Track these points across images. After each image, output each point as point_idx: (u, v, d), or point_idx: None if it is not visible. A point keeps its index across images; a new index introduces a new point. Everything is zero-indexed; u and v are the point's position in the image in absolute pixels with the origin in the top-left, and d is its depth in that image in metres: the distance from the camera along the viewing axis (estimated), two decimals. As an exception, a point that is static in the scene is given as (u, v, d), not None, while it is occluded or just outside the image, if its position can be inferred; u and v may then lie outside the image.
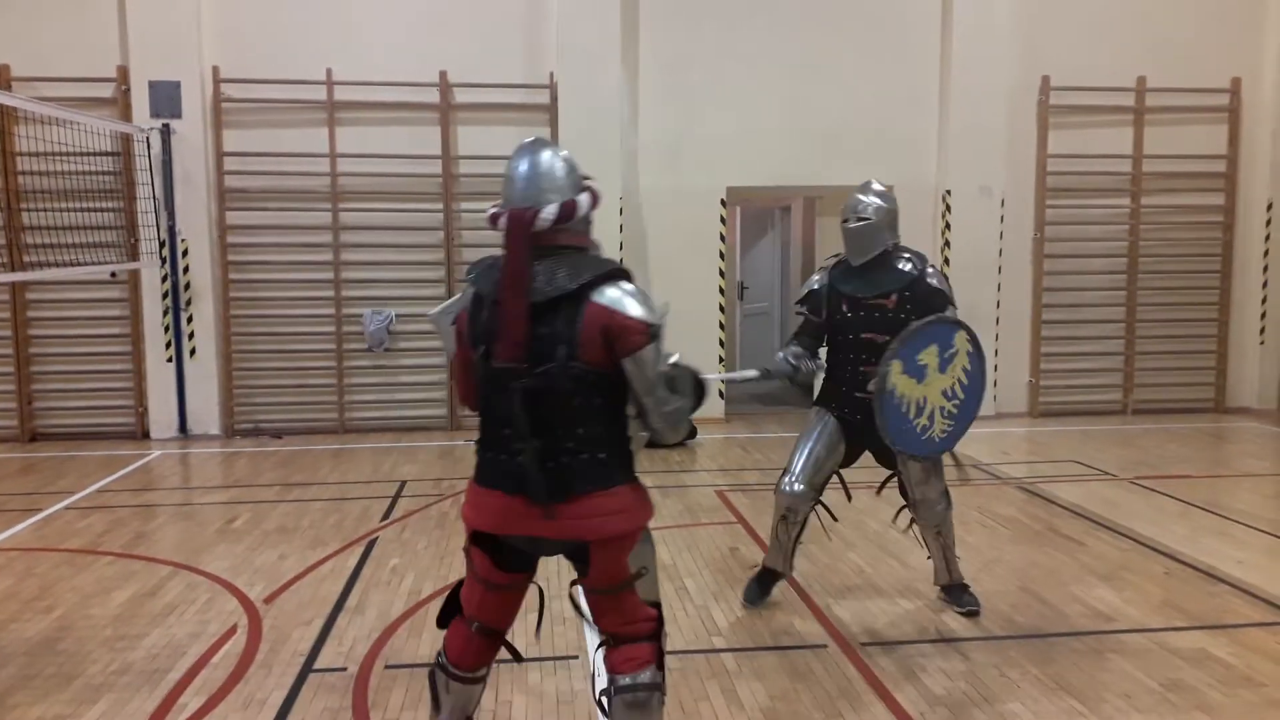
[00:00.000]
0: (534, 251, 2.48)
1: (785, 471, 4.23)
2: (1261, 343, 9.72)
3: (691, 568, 5.02)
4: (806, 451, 4.20)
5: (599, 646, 2.67)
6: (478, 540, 2.62)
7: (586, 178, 2.64)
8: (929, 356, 3.76)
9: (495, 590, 2.66)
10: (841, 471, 4.31)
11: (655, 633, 2.63)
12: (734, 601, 4.53)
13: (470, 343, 2.56)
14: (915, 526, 4.32)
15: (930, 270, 4.14)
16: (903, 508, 4.33)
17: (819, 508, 4.31)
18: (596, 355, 2.45)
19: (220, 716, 3.46)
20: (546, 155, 2.57)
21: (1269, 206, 9.56)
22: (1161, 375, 9.71)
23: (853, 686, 3.66)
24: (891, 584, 4.74)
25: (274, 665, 3.86)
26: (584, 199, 2.57)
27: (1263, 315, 9.69)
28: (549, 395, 2.44)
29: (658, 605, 2.69)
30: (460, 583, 2.76)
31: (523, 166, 2.55)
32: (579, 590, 2.68)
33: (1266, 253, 9.61)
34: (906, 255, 4.17)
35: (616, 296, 2.47)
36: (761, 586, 4.45)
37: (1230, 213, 9.62)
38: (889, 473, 4.32)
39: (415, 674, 3.70)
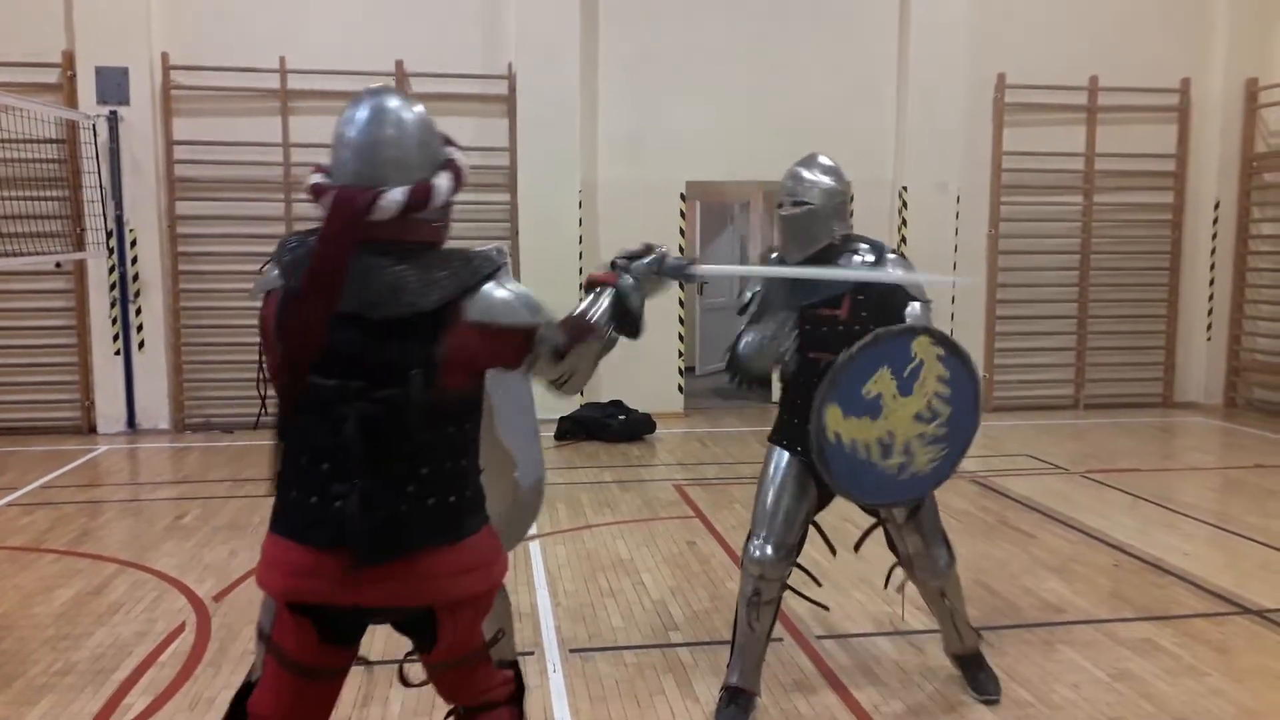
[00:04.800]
0: (369, 247, 1.91)
1: (750, 534, 3.36)
2: (1208, 339, 9.91)
3: (649, 563, 5.01)
4: (771, 502, 3.33)
5: (447, 716, 2.22)
6: (290, 607, 1.98)
7: (449, 141, 2.05)
8: (880, 384, 2.99)
9: (309, 679, 2.02)
10: (817, 519, 3.46)
11: (515, 696, 2.19)
12: (690, 596, 4.53)
13: (277, 345, 1.95)
14: (910, 586, 3.58)
15: (890, 259, 3.30)
16: (894, 565, 3.59)
17: (795, 579, 3.45)
18: (461, 379, 1.94)
19: (167, 716, 3.39)
20: (396, 113, 1.94)
21: (1216, 205, 9.75)
22: (1112, 370, 9.88)
23: (808, 680, 3.68)
24: (847, 577, 4.75)
25: (223, 664, 3.79)
26: (442, 181, 1.95)
27: (1209, 312, 9.88)
28: (391, 427, 1.89)
29: (515, 664, 2.23)
30: (244, 690, 2.12)
31: (361, 128, 1.93)
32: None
33: (1214, 250, 9.80)
34: (859, 247, 3.32)
35: (492, 306, 1.92)
36: (740, 708, 3.36)
37: (1179, 211, 9.80)
38: (872, 520, 3.53)
39: (369, 670, 3.65)
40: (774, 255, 3.53)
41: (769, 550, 3.30)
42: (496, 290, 1.93)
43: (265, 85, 8.43)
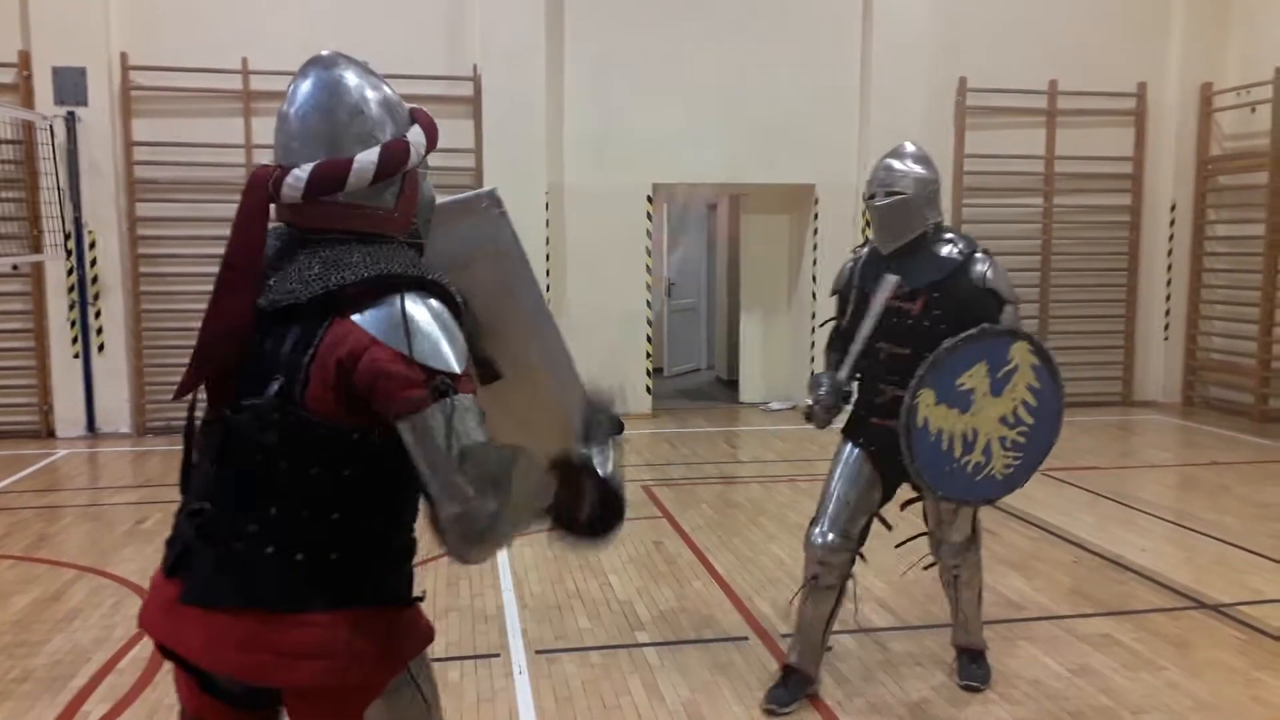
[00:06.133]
0: (301, 236, 1.63)
1: (813, 520, 3.46)
2: (1166, 338, 10.08)
3: (615, 563, 5.01)
4: (836, 494, 3.43)
5: None
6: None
7: (415, 118, 1.69)
8: (974, 378, 3.03)
9: None
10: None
11: None
12: (657, 596, 4.55)
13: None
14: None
15: (979, 258, 3.28)
16: (920, 534, 3.72)
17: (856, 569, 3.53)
18: (328, 404, 1.53)
19: (126, 724, 3.35)
20: (337, 82, 1.61)
21: (1173, 207, 9.92)
22: (1072, 370, 9.91)
23: (773, 678, 3.69)
24: (812, 576, 4.79)
25: (184, 670, 3.74)
26: (365, 158, 1.58)
27: (1167, 312, 10.06)
28: (244, 448, 1.56)
29: None
30: None
31: (296, 101, 1.63)
32: None
33: (1170, 251, 9.97)
34: (949, 238, 3.34)
35: (383, 318, 1.51)
36: (789, 689, 3.49)
37: (1137, 213, 9.96)
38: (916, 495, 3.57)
39: None
40: (866, 247, 3.51)
41: (830, 536, 3.39)
42: (393, 302, 1.52)
43: (227, 86, 8.33)
